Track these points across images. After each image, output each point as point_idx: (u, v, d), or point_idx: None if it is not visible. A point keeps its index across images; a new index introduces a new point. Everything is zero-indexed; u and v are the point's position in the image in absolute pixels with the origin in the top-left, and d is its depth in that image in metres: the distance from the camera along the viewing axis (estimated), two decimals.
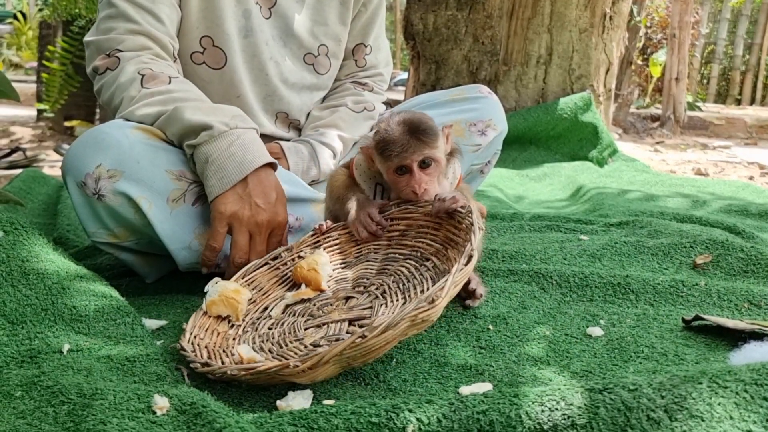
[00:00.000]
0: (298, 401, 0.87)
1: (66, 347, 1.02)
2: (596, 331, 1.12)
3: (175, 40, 1.43)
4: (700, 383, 0.81)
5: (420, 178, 1.20)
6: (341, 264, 1.27)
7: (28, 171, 2.60)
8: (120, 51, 1.34)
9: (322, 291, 1.20)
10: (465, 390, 0.87)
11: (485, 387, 0.89)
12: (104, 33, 1.36)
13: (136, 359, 1.02)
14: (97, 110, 4.26)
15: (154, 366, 1.00)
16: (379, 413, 0.79)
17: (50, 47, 3.95)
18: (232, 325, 1.13)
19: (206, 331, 1.08)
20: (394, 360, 1.03)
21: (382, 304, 1.11)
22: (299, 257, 1.26)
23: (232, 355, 1.03)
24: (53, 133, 4.34)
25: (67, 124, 4.17)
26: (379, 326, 0.87)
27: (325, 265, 1.23)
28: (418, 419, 0.78)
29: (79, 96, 4.00)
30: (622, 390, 0.81)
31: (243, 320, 1.14)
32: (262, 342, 1.08)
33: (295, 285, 1.23)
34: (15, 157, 3.37)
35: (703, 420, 0.78)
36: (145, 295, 1.38)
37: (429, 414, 0.79)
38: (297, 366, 0.86)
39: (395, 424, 0.78)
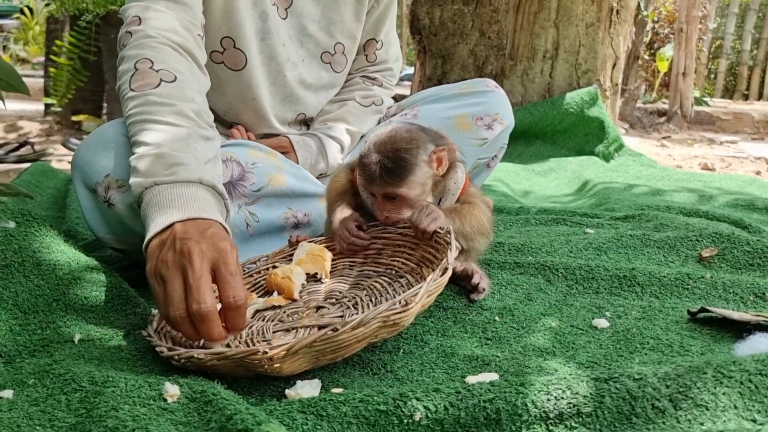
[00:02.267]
0: (306, 390, 0.88)
1: (77, 337, 1.04)
2: (602, 322, 1.13)
3: (202, 19, 1.36)
4: (705, 373, 0.82)
5: (383, 206, 1.19)
6: (314, 277, 1.26)
7: (37, 165, 2.62)
8: (138, 20, 1.24)
9: (294, 300, 1.19)
10: (471, 380, 0.88)
11: (492, 377, 0.90)
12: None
13: (147, 349, 1.03)
14: (104, 104, 4.27)
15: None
16: (387, 401, 0.80)
17: (58, 42, 3.97)
18: None
19: None
20: (401, 350, 1.04)
21: (353, 314, 1.10)
22: (273, 267, 1.27)
23: (199, 347, 1.00)
24: (61, 127, 4.36)
25: (74, 118, 4.18)
26: (351, 321, 0.88)
27: (300, 275, 1.23)
28: (425, 407, 0.79)
29: (86, 90, 4.02)
30: (627, 379, 0.82)
31: None
32: (230, 341, 1.05)
33: (267, 293, 1.23)
34: (23, 151, 3.39)
35: (707, 409, 0.78)
36: None
37: (436, 402, 0.80)
38: (266, 353, 0.84)
39: (403, 412, 0.79)
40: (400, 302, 0.93)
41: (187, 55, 1.25)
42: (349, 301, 1.15)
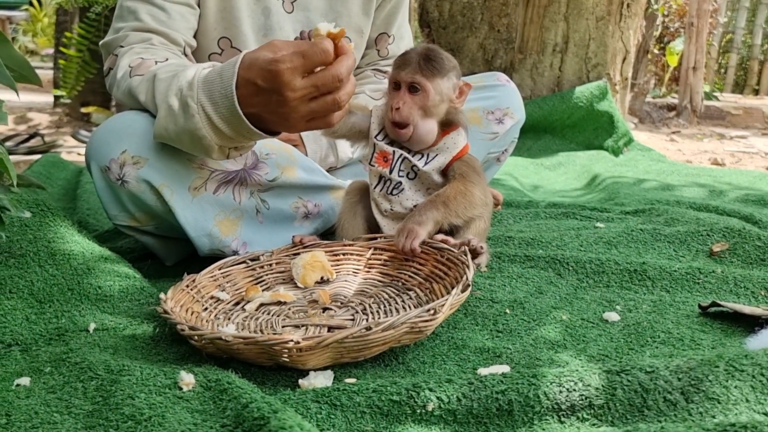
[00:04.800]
0: (319, 380, 0.89)
1: (92, 326, 1.05)
2: (612, 316, 1.13)
3: (189, 37, 1.42)
4: (717, 367, 0.82)
5: (401, 97, 1.24)
6: (323, 278, 1.27)
7: (47, 156, 2.63)
8: (121, 47, 1.34)
9: (307, 286, 1.23)
10: (483, 371, 0.88)
11: (503, 369, 0.90)
12: (114, 33, 1.38)
13: (161, 338, 1.04)
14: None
15: (178, 346, 1.03)
16: (400, 392, 0.81)
17: (67, 33, 3.98)
18: (205, 309, 1.12)
19: (181, 307, 1.07)
20: (414, 342, 1.04)
21: (364, 319, 1.10)
22: (277, 263, 1.28)
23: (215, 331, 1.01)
24: (70, 119, 4.38)
25: (83, 110, 4.20)
26: (383, 323, 0.89)
27: (318, 274, 1.25)
28: (438, 398, 0.80)
29: (95, 82, 4.03)
30: (639, 372, 0.82)
31: (216, 308, 1.14)
32: (246, 330, 1.08)
33: (269, 288, 1.24)
34: (33, 142, 3.41)
35: (719, 402, 0.79)
36: (166, 277, 1.41)
37: (449, 393, 0.81)
38: (298, 342, 0.85)
39: (416, 402, 0.80)
40: (428, 310, 0.94)
41: (174, 55, 1.34)
42: (356, 305, 1.15)
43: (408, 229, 1.20)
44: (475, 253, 1.24)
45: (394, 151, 1.30)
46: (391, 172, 1.30)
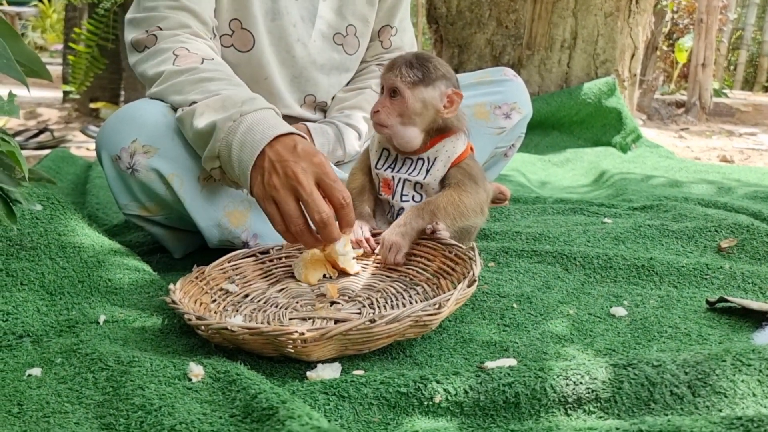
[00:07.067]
0: (327, 372, 0.89)
1: (102, 318, 1.06)
2: (620, 311, 1.13)
3: (213, 17, 1.43)
4: (724, 361, 0.82)
5: (381, 102, 1.23)
6: (326, 275, 1.28)
7: (57, 151, 2.65)
8: (160, 29, 1.33)
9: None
10: (490, 365, 0.89)
11: (510, 362, 0.90)
12: (145, 11, 1.37)
13: (170, 331, 1.05)
14: (122, 92, 4.31)
15: (187, 338, 1.03)
16: (407, 384, 0.81)
17: (76, 29, 3.99)
18: (214, 300, 1.13)
19: (190, 297, 1.08)
20: (420, 336, 1.05)
21: (370, 313, 1.10)
22: (286, 257, 1.29)
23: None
24: (79, 114, 4.40)
25: (92, 105, 4.23)
26: (387, 316, 0.90)
27: (320, 272, 1.26)
28: (445, 390, 0.81)
29: (104, 78, 4.06)
30: (646, 366, 0.82)
31: (225, 300, 1.15)
32: (254, 320, 1.09)
33: (278, 281, 1.24)
34: (43, 137, 3.43)
35: (726, 396, 0.79)
36: (175, 270, 1.42)
37: (456, 385, 0.81)
38: (302, 334, 0.86)
39: (423, 394, 0.81)
40: (433, 305, 0.94)
41: (213, 50, 1.35)
42: (364, 299, 1.16)
43: (391, 243, 1.20)
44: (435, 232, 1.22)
45: (393, 177, 1.29)
46: (393, 197, 1.29)
